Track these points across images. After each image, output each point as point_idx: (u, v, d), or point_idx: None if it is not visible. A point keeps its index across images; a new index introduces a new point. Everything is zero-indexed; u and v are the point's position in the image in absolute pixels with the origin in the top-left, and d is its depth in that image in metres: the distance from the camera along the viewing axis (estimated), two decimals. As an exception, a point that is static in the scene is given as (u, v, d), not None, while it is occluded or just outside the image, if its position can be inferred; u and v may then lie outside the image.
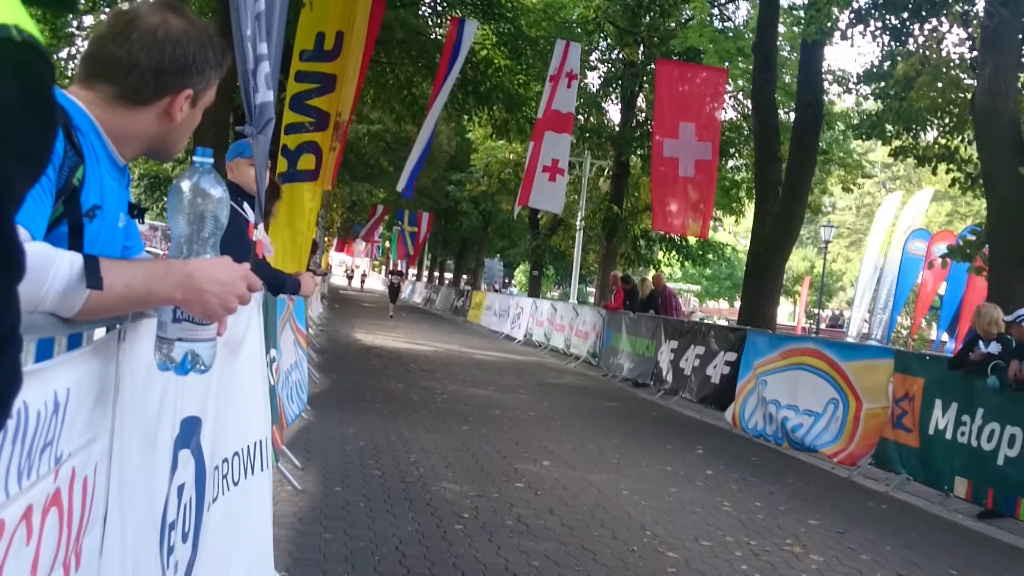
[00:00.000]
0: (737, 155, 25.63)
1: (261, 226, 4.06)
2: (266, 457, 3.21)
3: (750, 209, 25.38)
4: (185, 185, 1.57)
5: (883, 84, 15.04)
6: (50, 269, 1.32)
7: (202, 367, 1.62)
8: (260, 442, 3.15)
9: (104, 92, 1.68)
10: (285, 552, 4.23)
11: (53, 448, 1.26)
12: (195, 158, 1.59)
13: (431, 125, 15.87)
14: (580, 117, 26.93)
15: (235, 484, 2.80)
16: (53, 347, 1.30)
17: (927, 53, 13.37)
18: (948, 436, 7.53)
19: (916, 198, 30.63)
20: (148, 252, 2.09)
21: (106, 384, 1.54)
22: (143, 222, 1.93)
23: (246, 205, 4.13)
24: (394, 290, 31.68)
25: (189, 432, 2.22)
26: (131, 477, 1.71)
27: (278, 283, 4.94)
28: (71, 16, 13.36)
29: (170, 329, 1.55)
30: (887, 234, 28.81)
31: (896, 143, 15.62)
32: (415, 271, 70.93)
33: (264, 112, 3.85)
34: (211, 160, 1.60)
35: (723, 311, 62.67)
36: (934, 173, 15.03)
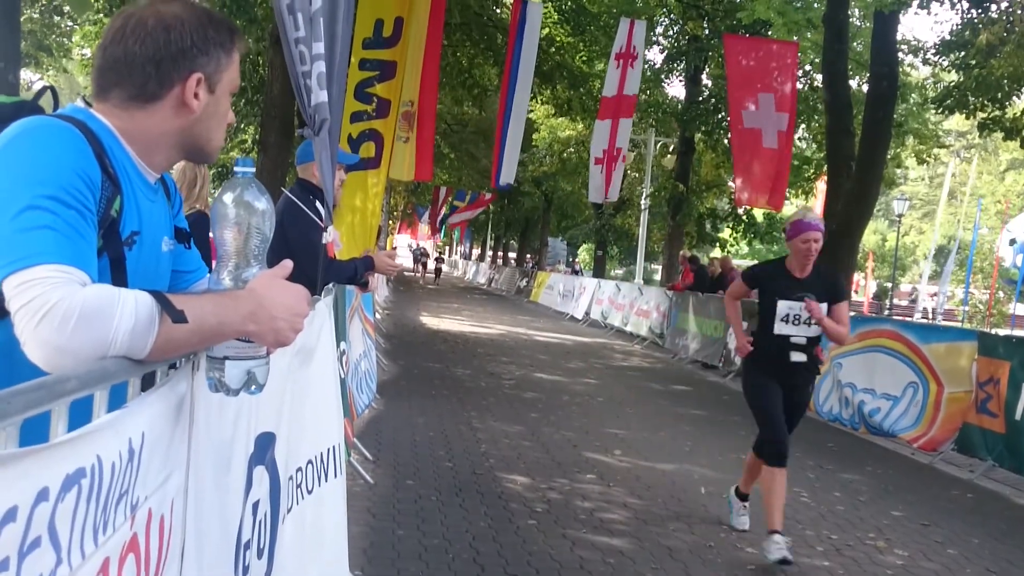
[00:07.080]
0: (805, 128, 24.91)
1: (332, 227, 4.01)
2: (339, 462, 3.18)
3: (818, 187, 24.70)
4: (228, 198, 1.48)
5: (963, 54, 14.39)
6: (115, 309, 1.26)
7: (255, 387, 1.52)
8: (333, 448, 3.11)
9: (116, 99, 1.59)
10: (359, 550, 4.22)
11: (129, 496, 1.21)
12: (236, 168, 1.50)
13: (520, 114, 15.35)
14: (643, 94, 26.49)
15: (309, 493, 2.77)
16: (127, 392, 1.24)
17: (1010, 20, 12.77)
18: (1037, 422, 7.22)
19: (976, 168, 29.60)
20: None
21: (181, 417, 1.49)
22: (189, 247, 1.83)
23: (318, 204, 4.07)
24: None
25: (263, 448, 2.18)
26: (207, 505, 1.67)
27: (351, 275, 4.70)
28: None
29: (216, 348, 1.47)
30: (947, 205, 27.92)
31: (981, 115, 14.93)
32: (478, 251, 70.90)
33: (319, 112, 3.80)
34: (252, 170, 1.51)
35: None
36: (1022, 146, 14.35)
